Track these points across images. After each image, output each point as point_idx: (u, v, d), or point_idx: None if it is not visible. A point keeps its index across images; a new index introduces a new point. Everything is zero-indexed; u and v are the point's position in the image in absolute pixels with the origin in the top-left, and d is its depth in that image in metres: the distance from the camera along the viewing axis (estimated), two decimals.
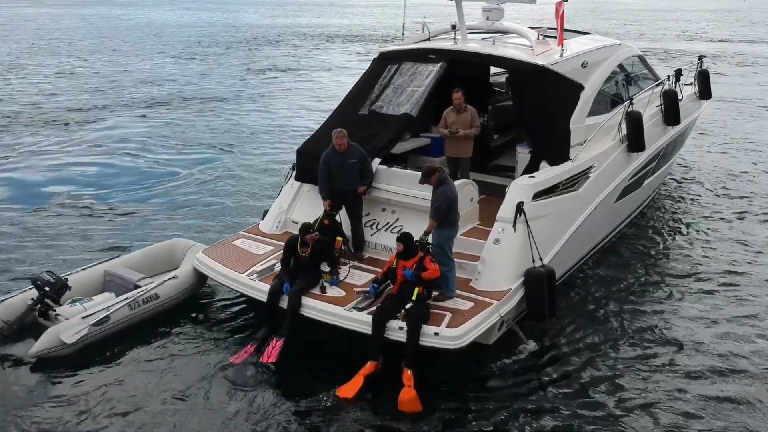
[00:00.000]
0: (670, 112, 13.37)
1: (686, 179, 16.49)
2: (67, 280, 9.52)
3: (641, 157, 12.27)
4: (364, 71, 11.81)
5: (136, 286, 9.79)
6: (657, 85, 13.52)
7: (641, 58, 13.96)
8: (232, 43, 43.81)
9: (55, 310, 9.22)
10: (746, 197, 15.21)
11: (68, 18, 61.43)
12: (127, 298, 9.41)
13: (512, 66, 10.97)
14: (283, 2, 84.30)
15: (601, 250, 11.95)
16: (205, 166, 17.16)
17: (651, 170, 13.30)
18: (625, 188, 12.00)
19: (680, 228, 13.50)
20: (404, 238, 8.53)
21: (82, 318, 8.98)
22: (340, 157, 9.65)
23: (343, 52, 40.52)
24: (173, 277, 9.96)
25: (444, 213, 8.63)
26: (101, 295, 9.78)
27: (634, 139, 11.72)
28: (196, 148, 18.85)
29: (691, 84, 15.72)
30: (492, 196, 10.74)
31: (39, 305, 9.25)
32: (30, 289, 9.48)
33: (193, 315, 9.95)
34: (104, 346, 9.03)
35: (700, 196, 15.36)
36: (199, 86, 28.44)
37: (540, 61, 10.66)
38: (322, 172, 9.69)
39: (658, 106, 13.36)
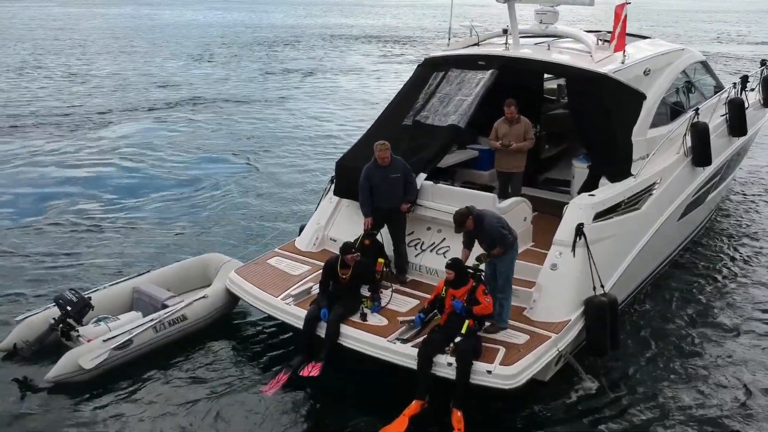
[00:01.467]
0: (736, 122, 12.41)
1: (747, 192, 15.43)
2: (90, 299, 8.99)
3: (706, 171, 11.34)
4: (408, 78, 11.06)
5: (164, 306, 9.23)
6: (722, 93, 12.56)
7: (704, 64, 13.00)
8: (257, 44, 43.11)
9: (77, 331, 8.70)
10: None
11: (93, 18, 61.29)
12: (152, 320, 8.83)
13: (570, 74, 10.13)
14: (310, 2, 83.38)
15: (661, 273, 11.06)
16: (234, 174, 16.54)
17: (714, 185, 12.35)
18: (688, 205, 11.10)
19: (743, 246, 12.51)
20: (455, 265, 7.75)
21: (104, 341, 8.44)
22: (382, 171, 8.94)
23: (368, 53, 39.57)
24: (203, 297, 9.37)
25: (508, 237, 7.85)
26: (128, 314, 9.23)
27: (700, 152, 10.81)
28: (223, 155, 18.26)
29: (753, 90, 14.68)
30: (544, 214, 9.96)
31: (61, 325, 8.76)
32: (52, 306, 9.00)
33: (223, 338, 9.34)
34: (126, 370, 8.47)
35: (761, 210, 14.30)
36: (222, 89, 27.84)
37: (600, 68, 9.82)
38: (363, 187, 9.00)
39: (722, 115, 12.40)
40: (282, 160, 17.83)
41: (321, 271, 8.99)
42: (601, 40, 10.83)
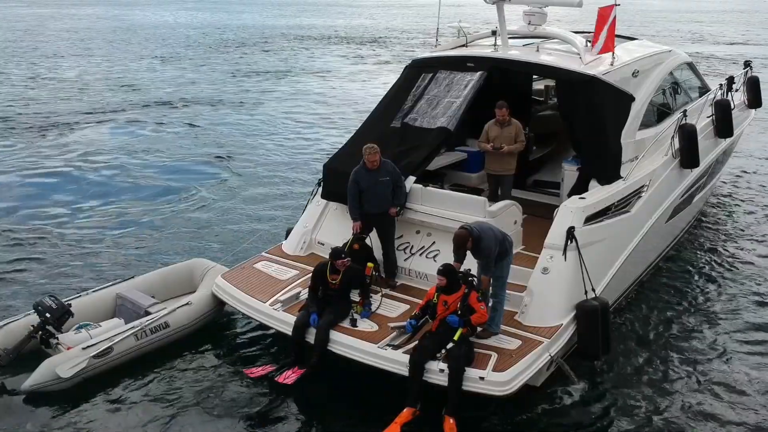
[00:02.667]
0: (723, 123, 12.42)
1: (731, 192, 15.49)
2: (70, 305, 8.77)
3: (694, 173, 11.35)
4: (396, 80, 10.94)
5: (147, 313, 9.03)
6: (709, 94, 12.57)
7: (690, 66, 13.00)
8: (229, 45, 41.89)
9: (56, 338, 8.50)
10: None
11: (61, 19, 59.13)
12: (133, 327, 8.63)
13: (560, 75, 10.06)
14: (284, 2, 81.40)
15: (649, 274, 11.04)
16: (212, 178, 16.20)
17: (701, 186, 12.37)
18: (676, 207, 11.09)
19: (728, 246, 12.54)
20: (447, 271, 7.61)
21: (83, 349, 8.23)
22: (371, 174, 8.83)
23: (344, 54, 38.72)
24: (187, 304, 9.15)
25: (493, 257, 7.74)
26: (110, 321, 9.04)
27: (689, 154, 10.80)
28: (201, 159, 17.86)
29: (737, 91, 14.71)
30: (533, 216, 9.88)
31: (40, 332, 8.55)
32: (32, 313, 8.79)
33: (208, 345, 9.12)
34: (107, 378, 8.28)
35: (744, 210, 14.37)
36: (195, 91, 27.09)
37: (590, 70, 9.76)
38: (352, 191, 8.88)
39: (709, 117, 12.41)
40: (259, 163, 17.50)
41: (309, 275, 8.87)
42: (589, 41, 10.78)
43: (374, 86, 27.84)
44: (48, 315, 8.57)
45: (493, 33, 10.62)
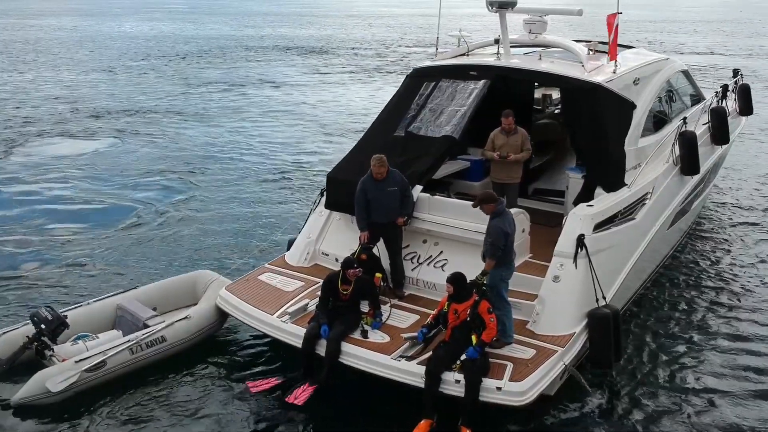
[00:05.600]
0: (719, 130, 12.52)
1: (723, 198, 15.61)
2: (66, 317, 8.64)
3: (693, 180, 11.41)
4: (397, 89, 10.88)
5: (145, 325, 8.85)
6: (706, 101, 12.68)
7: (686, 74, 13.11)
8: (198, 56, 40.35)
9: (51, 350, 8.35)
10: None
11: (21, 28, 56.61)
12: (128, 341, 8.45)
13: (564, 84, 10.07)
14: (253, 12, 78.84)
15: (652, 281, 11.06)
16: (205, 190, 15.91)
17: (698, 193, 12.45)
18: (677, 214, 11.14)
19: (726, 250, 12.63)
20: (454, 279, 7.54)
21: (76, 362, 8.06)
22: (378, 184, 8.74)
23: (311, 65, 37.46)
24: (185, 318, 8.96)
25: (500, 250, 7.71)
26: (107, 333, 8.86)
27: (689, 162, 10.85)
28: (183, 167, 17.66)
29: (727, 99, 14.84)
30: (535, 224, 9.83)
31: (35, 343, 8.40)
32: (29, 323, 8.62)
33: (208, 360, 8.94)
34: (100, 392, 8.11)
35: (738, 215, 14.48)
36: (175, 102, 26.44)
37: (593, 78, 9.78)
38: (360, 202, 8.78)
39: (705, 124, 12.51)
40: (253, 175, 17.22)
41: (315, 286, 8.77)
42: (591, 50, 10.82)
43: (366, 96, 27.73)
44: (43, 326, 8.46)
45: (496, 41, 10.61)
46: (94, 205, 14.92)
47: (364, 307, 8.39)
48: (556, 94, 13.68)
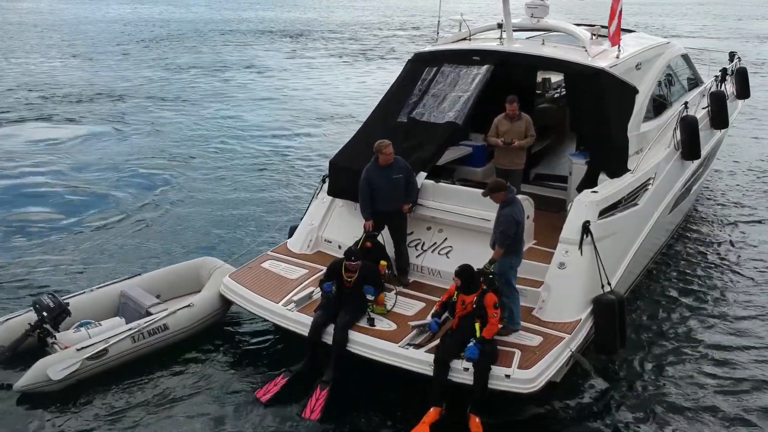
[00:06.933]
0: (719, 114, 12.52)
1: (721, 182, 15.68)
2: (68, 304, 8.60)
3: (694, 164, 11.43)
4: (398, 74, 10.80)
5: (148, 313, 8.81)
6: (705, 85, 12.67)
7: (685, 57, 13.09)
8: (179, 39, 39.41)
9: (54, 337, 8.31)
10: None
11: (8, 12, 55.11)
12: (130, 329, 8.42)
13: (568, 69, 10.02)
14: None
15: (651, 265, 11.12)
16: (202, 176, 15.74)
17: (697, 177, 12.48)
18: (677, 198, 11.16)
19: (724, 232, 12.73)
20: (462, 272, 7.51)
21: (77, 350, 8.03)
22: (384, 171, 8.68)
23: (294, 49, 36.78)
24: (188, 305, 8.92)
25: (510, 239, 7.70)
26: (110, 320, 8.82)
27: (691, 146, 10.86)
28: (176, 154, 17.46)
29: (725, 82, 14.84)
30: (538, 210, 9.82)
31: (37, 330, 8.38)
32: (32, 310, 8.60)
33: (210, 347, 8.92)
34: (102, 380, 8.10)
35: (735, 198, 14.57)
36: (150, 86, 25.99)
37: (597, 63, 9.74)
38: (364, 190, 8.71)
39: (704, 108, 12.51)
40: (249, 162, 17.05)
41: (319, 274, 8.77)
42: (594, 34, 10.75)
43: (353, 80, 27.50)
44: (45, 314, 8.44)
45: (499, 26, 10.53)
46: (91, 192, 14.74)
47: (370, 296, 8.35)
48: (555, 78, 13.65)
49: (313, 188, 14.33)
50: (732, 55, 15.75)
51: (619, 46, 10.05)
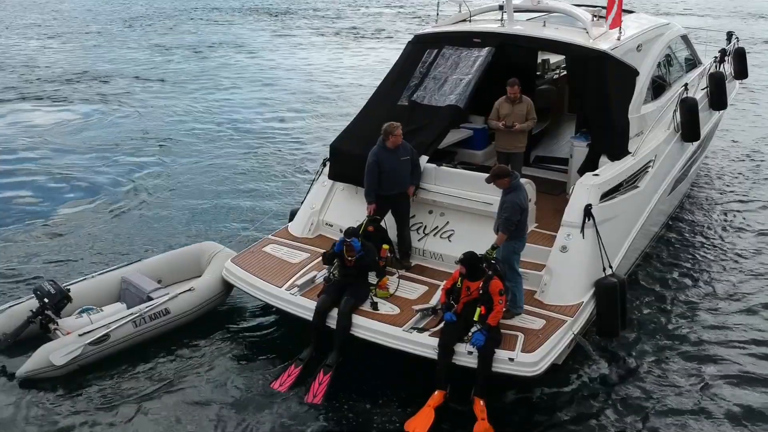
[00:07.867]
0: (718, 95, 12.51)
1: (717, 163, 15.71)
2: (69, 290, 8.63)
3: (693, 146, 11.45)
4: (399, 56, 10.73)
5: (149, 298, 8.83)
6: (703, 66, 12.65)
7: (685, 38, 13.04)
8: (160, 19, 37.74)
9: (56, 323, 8.37)
10: None
11: None
12: (131, 314, 8.46)
13: (569, 51, 9.97)
14: None
15: (650, 247, 11.18)
16: (198, 160, 15.59)
17: (695, 158, 12.51)
18: (676, 180, 11.20)
19: (721, 214, 12.77)
20: (466, 259, 7.53)
21: (79, 335, 8.07)
22: (392, 154, 8.64)
23: (279, 28, 35.33)
24: (189, 290, 8.96)
25: (514, 225, 7.71)
26: (112, 305, 8.86)
27: (690, 128, 10.86)
28: (169, 137, 17.22)
29: (722, 63, 14.80)
30: (539, 192, 9.83)
31: (39, 317, 8.43)
32: (33, 297, 8.63)
33: (212, 331, 8.94)
34: (104, 365, 8.16)
35: (732, 179, 14.56)
36: (135, 67, 25.34)
37: (598, 45, 9.70)
38: (373, 172, 8.64)
39: (703, 89, 12.50)
40: (246, 144, 16.85)
41: (320, 257, 8.72)
42: (595, 16, 10.70)
43: (342, 60, 27.14)
44: (46, 300, 8.48)
45: (500, 7, 10.45)
46: (87, 177, 14.61)
47: (373, 279, 8.38)
48: (554, 59, 13.58)
49: (306, 171, 14.45)
50: (729, 35, 15.68)
51: (620, 27, 9.99)
